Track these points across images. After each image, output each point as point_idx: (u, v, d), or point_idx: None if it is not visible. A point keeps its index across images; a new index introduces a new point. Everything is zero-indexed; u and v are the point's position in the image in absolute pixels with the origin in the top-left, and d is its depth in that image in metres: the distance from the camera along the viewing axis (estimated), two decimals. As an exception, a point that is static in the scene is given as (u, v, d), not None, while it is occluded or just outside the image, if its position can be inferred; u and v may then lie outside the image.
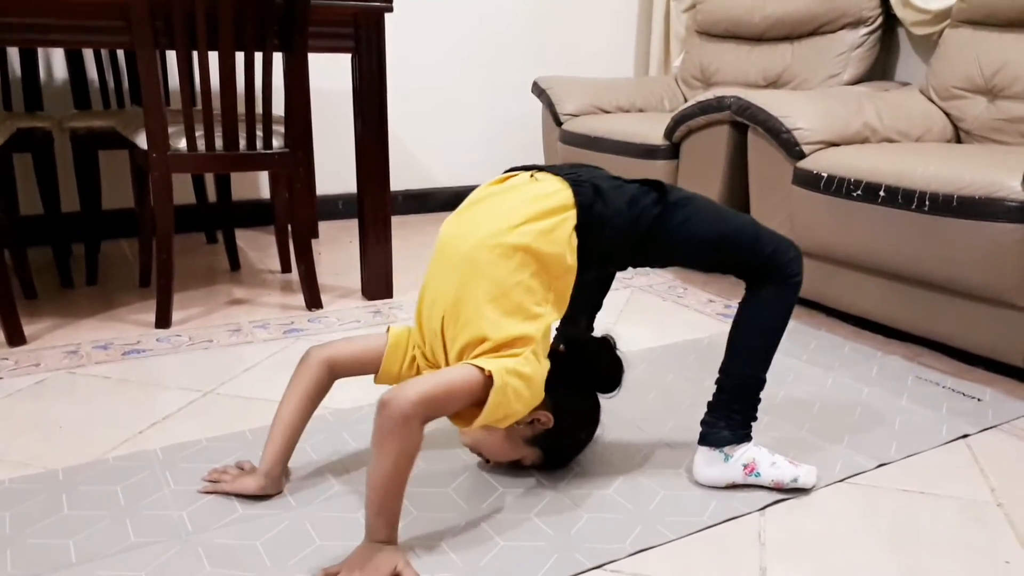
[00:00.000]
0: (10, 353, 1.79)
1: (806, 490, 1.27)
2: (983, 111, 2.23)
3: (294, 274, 2.46)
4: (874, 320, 1.97)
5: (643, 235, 1.18)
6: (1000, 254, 1.58)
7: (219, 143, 1.94)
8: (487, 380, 1.06)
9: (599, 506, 1.22)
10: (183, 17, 1.79)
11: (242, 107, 1.95)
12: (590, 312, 1.51)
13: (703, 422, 1.28)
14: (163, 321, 1.97)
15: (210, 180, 2.78)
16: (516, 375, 1.08)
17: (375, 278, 2.24)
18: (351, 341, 1.27)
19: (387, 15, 2.10)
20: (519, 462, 1.28)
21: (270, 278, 2.46)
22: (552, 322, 1.16)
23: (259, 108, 1.97)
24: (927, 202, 1.69)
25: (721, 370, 1.27)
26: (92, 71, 2.60)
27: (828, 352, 1.89)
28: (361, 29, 2.07)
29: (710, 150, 2.39)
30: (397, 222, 2.29)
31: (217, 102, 1.91)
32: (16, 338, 1.83)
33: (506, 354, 1.10)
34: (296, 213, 2.13)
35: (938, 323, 1.78)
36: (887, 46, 2.77)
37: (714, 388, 1.28)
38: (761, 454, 1.26)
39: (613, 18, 3.71)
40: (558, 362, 1.20)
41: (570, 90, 3.07)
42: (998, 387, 1.70)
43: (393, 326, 1.24)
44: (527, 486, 1.27)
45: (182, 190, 2.58)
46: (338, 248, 2.85)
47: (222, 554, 1.08)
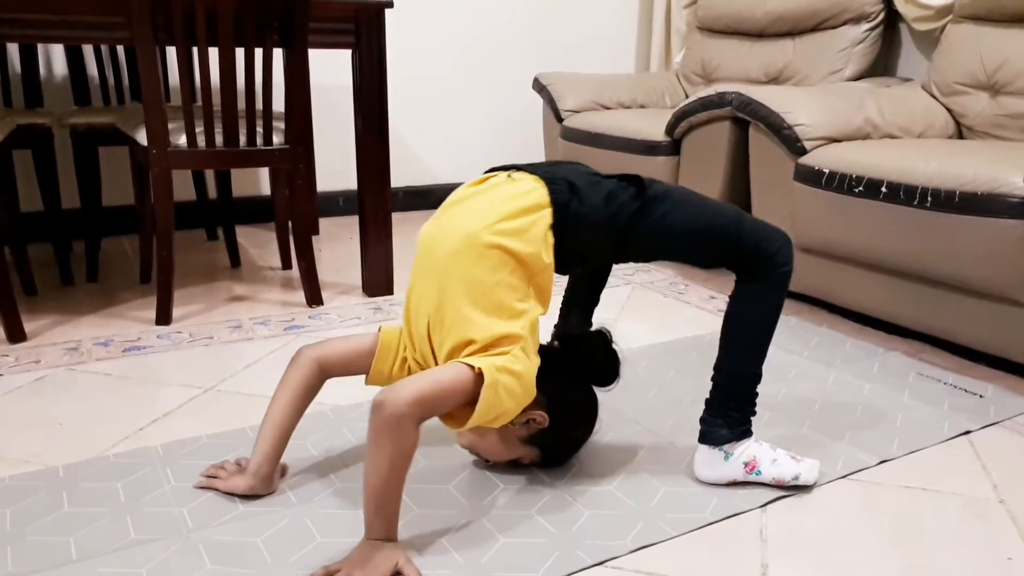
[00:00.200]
0: (10, 350, 1.79)
1: (807, 487, 1.26)
2: (985, 107, 2.22)
3: (295, 271, 2.45)
4: (876, 317, 1.96)
5: (622, 231, 1.17)
6: (1002, 250, 1.58)
7: (219, 139, 1.94)
8: (478, 378, 1.06)
9: (600, 503, 1.22)
10: (183, 13, 1.78)
11: (242, 103, 1.95)
12: (587, 307, 1.50)
13: (702, 420, 1.27)
14: (163, 318, 1.97)
15: (210, 176, 2.77)
16: (507, 372, 1.07)
17: (376, 275, 2.24)
18: (342, 341, 1.26)
19: (387, 11, 2.09)
20: (518, 461, 1.28)
21: (271, 275, 2.46)
22: (537, 317, 1.16)
23: (259, 104, 1.96)
24: (929, 198, 1.68)
25: (716, 367, 1.26)
26: (92, 67, 2.60)
27: (830, 349, 1.89)
28: (361, 25, 2.06)
29: (711, 146, 2.38)
30: (398, 219, 2.28)
31: (217, 98, 1.91)
32: (16, 335, 1.83)
33: (494, 353, 1.09)
34: (297, 210, 2.13)
35: (940, 319, 1.77)
36: (889, 42, 2.77)
37: (710, 385, 1.28)
38: (762, 451, 1.25)
39: (614, 14, 3.70)
40: (553, 358, 1.20)
41: (571, 86, 3.07)
42: (1000, 383, 1.70)
43: (385, 326, 1.24)
44: (528, 483, 1.27)
45: (182, 186, 2.58)
46: (339, 245, 2.85)
47: (223, 551, 1.08)
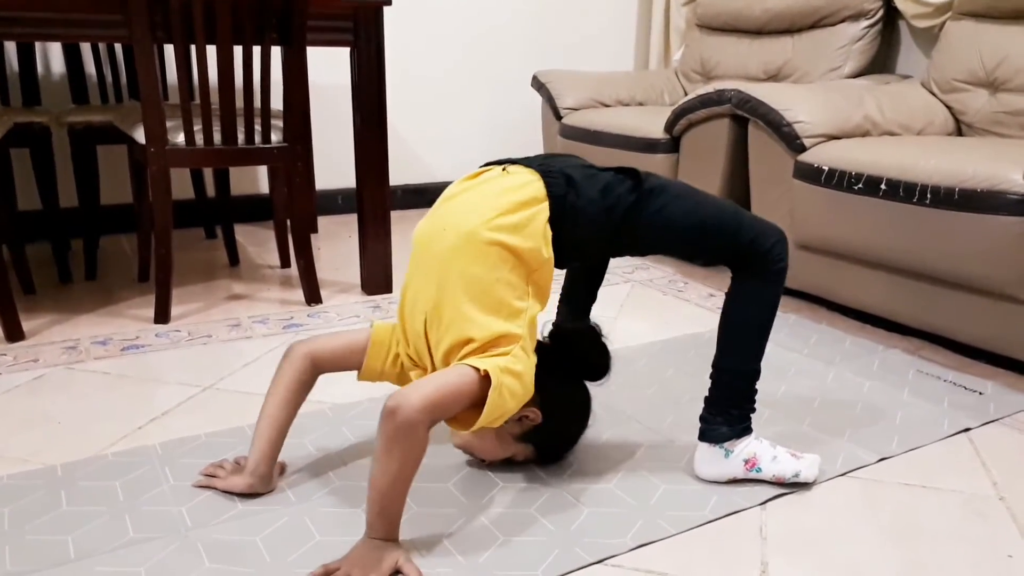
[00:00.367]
0: (8, 349, 1.79)
1: (808, 485, 1.26)
2: (985, 104, 2.22)
3: (293, 269, 2.45)
4: (875, 314, 1.96)
5: (618, 224, 1.16)
6: (1002, 247, 1.58)
7: (217, 138, 1.93)
8: (483, 380, 1.05)
9: (600, 501, 1.21)
10: (181, 11, 1.78)
11: (240, 101, 1.94)
12: (585, 303, 1.50)
13: (701, 418, 1.27)
14: (162, 316, 1.97)
15: (209, 175, 2.77)
16: (509, 373, 1.07)
17: (374, 273, 2.24)
18: (334, 336, 1.25)
19: (386, 9, 2.09)
20: (512, 459, 1.28)
21: (269, 273, 2.45)
22: (535, 314, 1.15)
23: (258, 102, 1.96)
24: (928, 195, 1.68)
25: (714, 365, 1.25)
26: (90, 65, 2.59)
27: (829, 346, 1.89)
28: (360, 23, 2.06)
29: (710, 144, 2.38)
30: (396, 217, 2.28)
31: (215, 96, 1.90)
32: (15, 334, 1.83)
33: (495, 353, 1.08)
34: (295, 208, 2.13)
35: (939, 317, 1.77)
36: (888, 39, 2.77)
37: (708, 383, 1.27)
38: (762, 448, 1.25)
39: (613, 11, 3.70)
40: (544, 354, 1.19)
41: (570, 84, 3.07)
42: (1000, 381, 1.69)
43: (377, 322, 1.23)
44: (527, 481, 1.26)
45: (181, 185, 2.58)
46: (337, 243, 2.85)
47: (221, 550, 1.07)
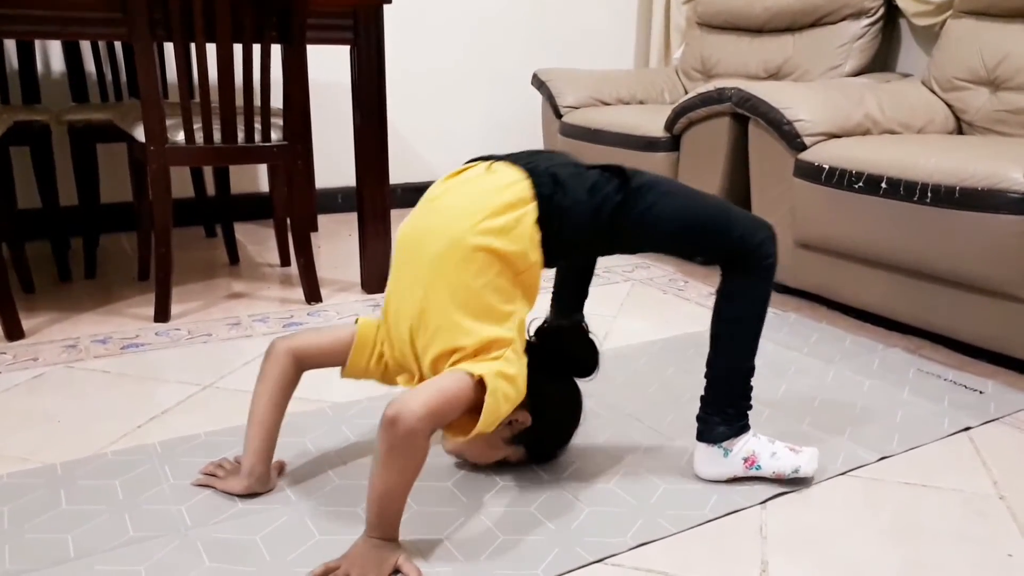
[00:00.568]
0: (8, 347, 1.78)
1: (807, 482, 1.26)
2: (985, 102, 2.22)
3: (293, 268, 2.45)
4: (876, 313, 1.96)
5: (606, 223, 1.15)
6: (1002, 246, 1.58)
7: (217, 136, 1.93)
8: (478, 385, 1.04)
9: (600, 500, 1.21)
10: (180, 9, 1.77)
11: (240, 100, 1.94)
12: (577, 300, 1.49)
13: (698, 418, 1.26)
14: (162, 315, 1.96)
15: (209, 173, 2.77)
16: (503, 377, 1.06)
17: (374, 271, 2.23)
18: (318, 332, 1.24)
19: (386, 7, 2.09)
20: (505, 460, 1.27)
21: (269, 272, 2.45)
22: (524, 316, 1.14)
23: (257, 101, 1.96)
24: (929, 194, 1.68)
25: (708, 364, 1.25)
26: (90, 63, 2.59)
27: (829, 345, 1.88)
28: (360, 21, 2.06)
29: (711, 142, 2.38)
30: (396, 215, 2.26)
31: (215, 95, 1.90)
32: (14, 332, 1.83)
33: (487, 357, 1.07)
34: (295, 206, 2.13)
35: (940, 316, 1.77)
36: (889, 37, 2.76)
37: (704, 382, 1.27)
38: (761, 445, 1.25)
39: (613, 9, 3.69)
40: (531, 354, 1.18)
41: (570, 82, 3.06)
42: (1000, 379, 1.69)
43: (362, 318, 1.22)
44: (527, 480, 1.26)
45: (181, 183, 2.57)
46: (337, 241, 2.85)
47: (221, 549, 1.07)
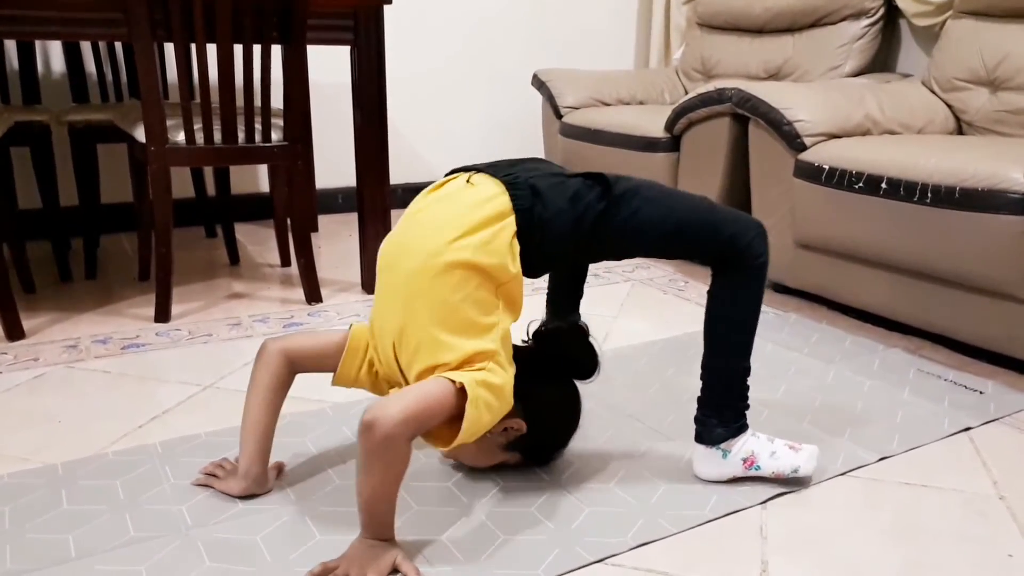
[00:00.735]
0: (9, 347, 1.79)
1: (807, 481, 1.26)
2: (985, 103, 2.22)
3: (294, 268, 2.45)
4: (876, 313, 1.96)
5: (589, 232, 1.13)
6: (1003, 246, 1.58)
7: (217, 136, 1.93)
8: (460, 393, 1.03)
9: (600, 500, 1.21)
10: (181, 9, 1.78)
11: (240, 100, 1.94)
12: (572, 301, 1.49)
13: (696, 419, 1.26)
14: (162, 315, 1.97)
15: (209, 174, 2.77)
16: (485, 386, 1.05)
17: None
18: (310, 336, 1.24)
19: (386, 7, 2.09)
20: (503, 464, 1.27)
21: (269, 272, 2.45)
22: (508, 327, 1.13)
23: (258, 101, 1.96)
24: (929, 194, 1.68)
25: (703, 365, 1.24)
26: (90, 64, 2.59)
27: (829, 345, 1.88)
28: (360, 21, 2.06)
29: (711, 143, 2.38)
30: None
31: (216, 95, 1.90)
32: (15, 332, 1.83)
33: (470, 369, 1.06)
34: (295, 207, 2.13)
35: (940, 316, 1.77)
36: (889, 38, 2.77)
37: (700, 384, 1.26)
38: (760, 445, 1.25)
39: (613, 10, 3.70)
40: (527, 358, 1.17)
41: (570, 83, 3.06)
42: (1000, 380, 1.69)
43: (356, 324, 1.21)
44: (528, 480, 1.26)
45: (181, 184, 2.58)
46: (338, 242, 2.85)
47: (222, 549, 1.07)
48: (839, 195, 1.88)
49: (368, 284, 2.24)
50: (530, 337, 1.25)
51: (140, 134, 1.92)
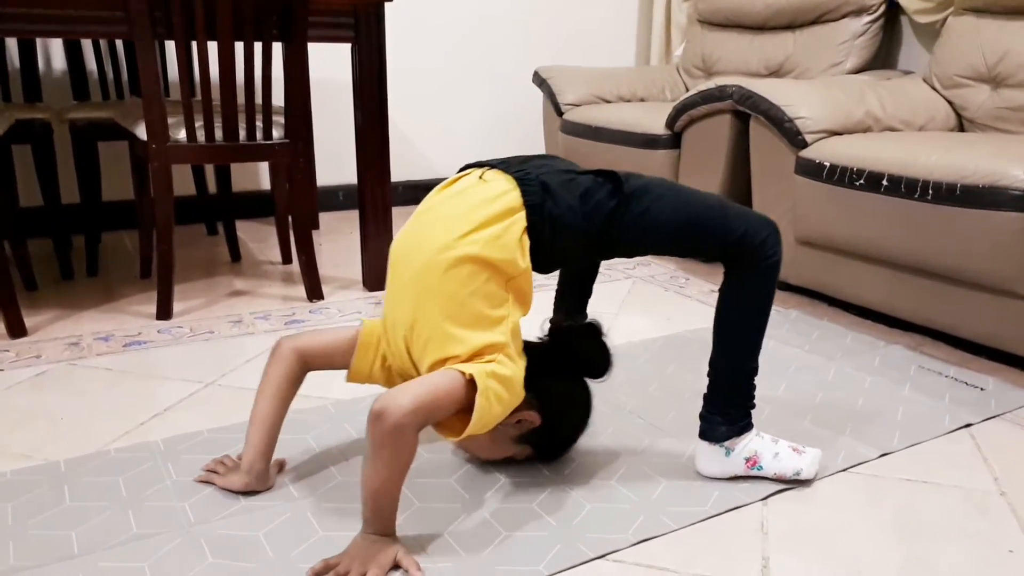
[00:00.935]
0: (11, 345, 1.79)
1: (809, 481, 1.26)
2: (986, 100, 2.22)
3: (295, 265, 2.45)
4: (877, 310, 1.96)
5: (599, 230, 1.14)
6: (1004, 243, 1.58)
7: (219, 134, 1.93)
8: (470, 384, 1.04)
9: (602, 496, 1.22)
10: (182, 7, 1.78)
11: (242, 98, 1.94)
12: (581, 299, 1.49)
13: (701, 416, 1.26)
14: (164, 312, 1.97)
15: (210, 171, 2.77)
16: (495, 377, 1.06)
17: (376, 269, 2.24)
18: (323, 333, 1.24)
19: (387, 4, 2.09)
20: (512, 458, 1.27)
21: (271, 269, 2.46)
22: (518, 320, 1.14)
23: (259, 98, 1.96)
24: (930, 191, 1.68)
25: (710, 363, 1.24)
26: (91, 62, 2.59)
27: (830, 342, 1.89)
28: (361, 19, 2.06)
29: (712, 140, 2.38)
30: (398, 213, 2.27)
31: (216, 93, 1.90)
32: (17, 330, 1.83)
33: (480, 361, 1.07)
34: (296, 204, 2.13)
35: (941, 312, 1.77)
36: (890, 35, 2.76)
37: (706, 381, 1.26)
38: (763, 445, 1.25)
39: (613, 7, 3.69)
40: (542, 353, 1.18)
41: (571, 80, 3.06)
42: (1001, 376, 1.70)
43: (367, 321, 1.21)
44: (529, 477, 1.27)
45: (182, 181, 2.58)
46: (339, 239, 2.85)
47: (224, 545, 1.08)
48: (840, 192, 1.88)
49: (369, 281, 2.24)
50: (545, 334, 1.25)
51: (141, 131, 1.92)
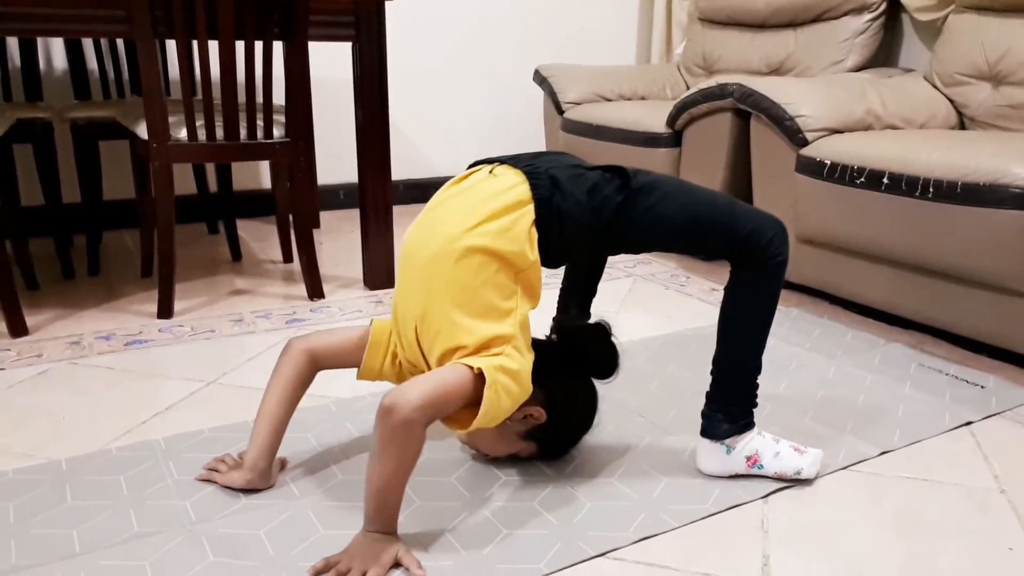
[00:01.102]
0: (12, 344, 1.79)
1: (809, 481, 1.26)
2: (987, 97, 2.22)
3: (296, 264, 2.46)
4: (877, 308, 1.96)
5: (607, 225, 1.14)
6: (1005, 241, 1.58)
7: (220, 133, 1.93)
8: (478, 378, 1.05)
9: (602, 494, 1.22)
10: (183, 6, 1.78)
11: (242, 96, 1.94)
12: (585, 298, 1.49)
13: (703, 414, 1.26)
14: (165, 311, 1.97)
15: (211, 170, 2.77)
16: (503, 371, 1.06)
17: (377, 268, 2.24)
18: (333, 333, 1.25)
19: (387, 3, 2.09)
20: (516, 455, 1.28)
21: (272, 268, 2.46)
22: (527, 313, 1.14)
23: (260, 97, 1.96)
24: (931, 189, 1.68)
25: (714, 361, 1.24)
26: (92, 61, 2.59)
27: (831, 340, 1.89)
28: (362, 17, 2.06)
29: (713, 138, 2.38)
30: (398, 211, 2.28)
31: (217, 92, 1.90)
32: (18, 329, 1.83)
33: (488, 354, 1.08)
34: (297, 203, 2.13)
35: (942, 311, 1.77)
36: (891, 32, 2.76)
37: (709, 379, 1.27)
38: (764, 444, 1.25)
39: (614, 5, 3.69)
40: (550, 352, 1.19)
41: (571, 78, 3.06)
42: (1001, 374, 1.70)
43: (377, 319, 1.23)
44: (530, 475, 1.27)
45: (183, 180, 2.58)
46: (340, 238, 2.85)
47: (225, 543, 1.08)
48: (841, 190, 1.88)
49: (370, 280, 2.24)
50: (553, 334, 1.26)
51: (142, 131, 1.92)
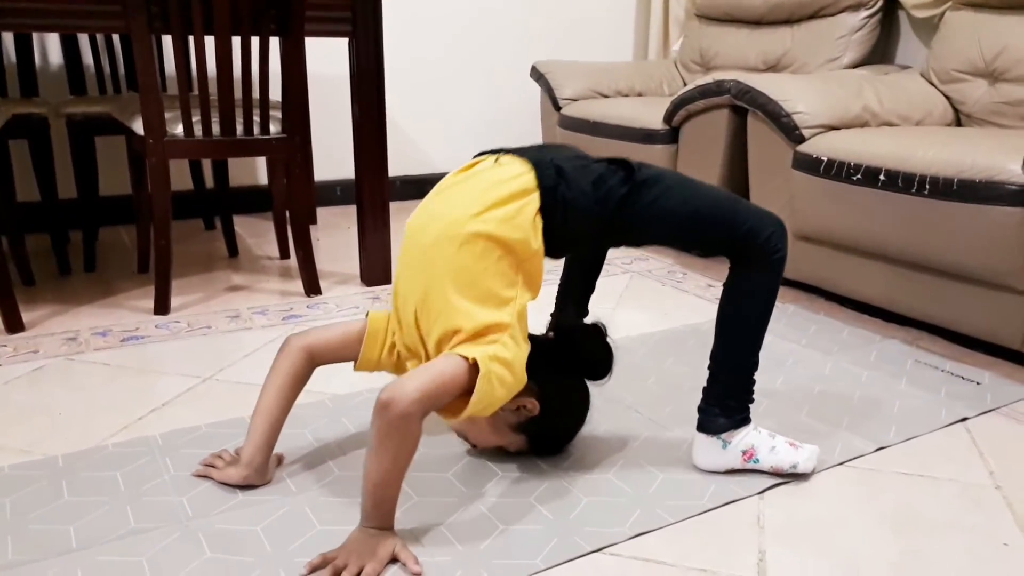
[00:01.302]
0: (8, 340, 1.79)
1: (805, 476, 1.27)
2: (984, 94, 2.22)
3: (292, 260, 2.45)
4: (873, 304, 1.96)
5: (610, 216, 1.15)
6: (1000, 237, 1.58)
7: (216, 129, 1.93)
8: (473, 368, 1.05)
9: (598, 490, 1.22)
10: (179, 2, 1.77)
11: (239, 92, 1.94)
12: (583, 296, 1.50)
13: (699, 409, 1.27)
14: (162, 307, 1.97)
15: (207, 166, 2.77)
16: (498, 360, 1.07)
17: (374, 264, 2.24)
18: (330, 328, 1.25)
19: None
20: (505, 448, 1.28)
21: (268, 264, 2.46)
22: (525, 303, 1.15)
23: (256, 93, 1.96)
24: (927, 186, 1.68)
25: (712, 356, 1.25)
26: (88, 56, 2.58)
27: (827, 336, 1.89)
28: (358, 13, 2.05)
29: (710, 134, 2.38)
30: (395, 208, 2.28)
31: (214, 87, 1.90)
32: (15, 325, 1.83)
33: (484, 341, 1.08)
34: (294, 199, 2.13)
35: (937, 307, 1.78)
36: (888, 29, 2.76)
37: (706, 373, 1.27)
38: (760, 439, 1.25)
39: (611, 1, 3.69)
40: (546, 348, 1.19)
41: (569, 74, 3.06)
42: (997, 371, 1.70)
43: (372, 311, 1.23)
44: (526, 470, 1.27)
45: (179, 176, 2.58)
46: (336, 234, 2.85)
47: (222, 539, 1.08)
48: (837, 187, 1.88)
49: (367, 276, 2.24)
50: (550, 331, 1.26)
51: (138, 126, 1.92)
